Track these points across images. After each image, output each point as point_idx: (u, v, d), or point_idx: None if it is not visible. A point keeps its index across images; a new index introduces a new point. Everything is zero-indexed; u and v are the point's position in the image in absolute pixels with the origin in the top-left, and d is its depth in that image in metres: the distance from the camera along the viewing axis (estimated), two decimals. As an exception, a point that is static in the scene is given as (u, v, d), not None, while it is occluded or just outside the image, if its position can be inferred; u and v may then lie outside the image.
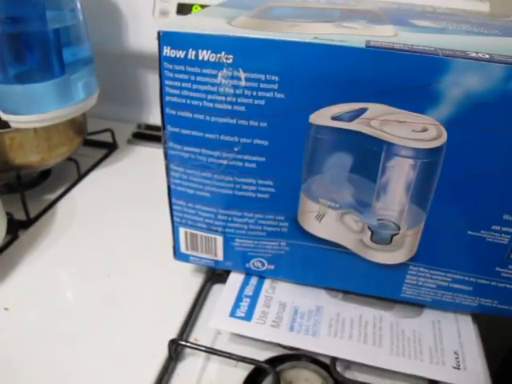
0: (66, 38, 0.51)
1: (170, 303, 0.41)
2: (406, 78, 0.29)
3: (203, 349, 0.36)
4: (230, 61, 0.31)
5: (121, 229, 0.50)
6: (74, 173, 0.59)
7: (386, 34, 0.32)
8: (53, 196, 0.55)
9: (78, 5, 0.53)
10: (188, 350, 0.37)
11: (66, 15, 0.52)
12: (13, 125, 0.49)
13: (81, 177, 0.59)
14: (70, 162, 0.59)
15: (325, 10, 0.42)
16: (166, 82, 0.33)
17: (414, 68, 0.29)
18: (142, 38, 0.64)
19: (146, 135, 0.70)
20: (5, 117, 0.48)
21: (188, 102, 0.33)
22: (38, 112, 0.49)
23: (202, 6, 0.59)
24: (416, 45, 0.30)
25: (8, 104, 0.48)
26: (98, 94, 0.57)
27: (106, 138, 0.66)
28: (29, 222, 0.50)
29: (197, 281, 0.44)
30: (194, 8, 0.60)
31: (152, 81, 0.70)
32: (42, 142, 0.52)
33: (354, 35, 0.31)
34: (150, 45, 0.61)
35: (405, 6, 0.47)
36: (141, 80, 0.70)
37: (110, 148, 0.66)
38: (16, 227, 0.49)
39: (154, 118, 0.72)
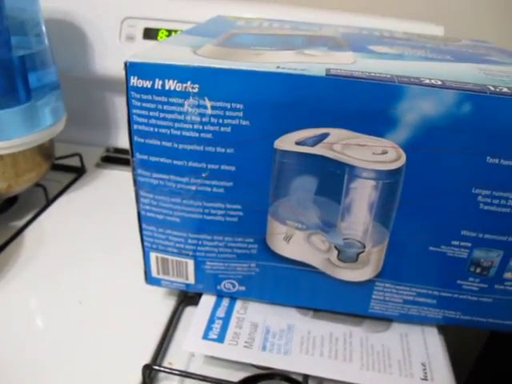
0: (32, 63, 0.51)
1: (142, 328, 0.41)
2: (364, 104, 0.31)
3: (177, 373, 0.36)
4: (195, 90, 0.31)
5: (91, 254, 0.50)
6: (41, 198, 0.58)
7: (345, 62, 0.34)
8: (20, 223, 0.54)
9: (44, 29, 0.53)
10: (162, 375, 0.37)
11: (31, 40, 0.52)
12: (-22, 152, 0.48)
13: (49, 202, 0.58)
14: (37, 188, 0.58)
15: (288, 36, 0.43)
16: (134, 111, 0.33)
17: (372, 95, 0.30)
18: (109, 62, 0.64)
19: (115, 159, 0.70)
20: (-30, 144, 0.47)
21: (156, 130, 0.33)
22: (4, 139, 0.48)
23: (168, 31, 0.60)
24: (373, 72, 0.31)
25: (-27, 131, 0.47)
26: (65, 119, 0.57)
27: (74, 162, 0.65)
28: (-4, 251, 0.49)
29: (169, 304, 0.44)
30: (160, 33, 0.60)
31: (119, 104, 0.70)
32: (8, 169, 0.51)
33: (315, 63, 0.33)
34: (116, 69, 0.62)
35: (364, 31, 0.49)
36: (108, 104, 0.70)
37: (79, 172, 0.65)
38: (-17, 256, 0.48)
39: (123, 142, 0.72)
